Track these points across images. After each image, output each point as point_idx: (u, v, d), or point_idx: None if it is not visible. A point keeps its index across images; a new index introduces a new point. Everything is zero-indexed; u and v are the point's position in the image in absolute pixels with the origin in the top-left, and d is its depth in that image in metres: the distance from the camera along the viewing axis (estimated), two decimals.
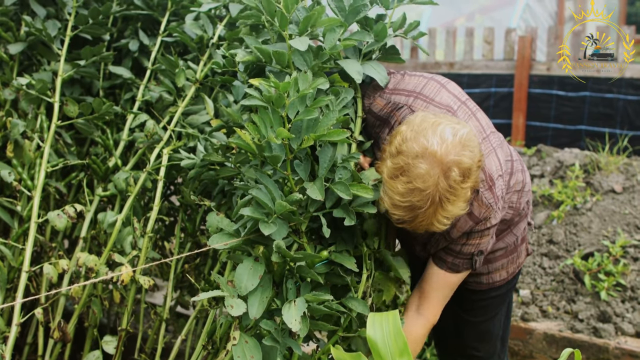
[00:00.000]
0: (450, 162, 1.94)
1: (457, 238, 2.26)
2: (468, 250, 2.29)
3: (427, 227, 2.02)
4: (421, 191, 1.94)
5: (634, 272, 4.25)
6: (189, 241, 3.02)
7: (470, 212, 2.18)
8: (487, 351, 2.82)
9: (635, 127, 6.79)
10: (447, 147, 1.95)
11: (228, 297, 1.94)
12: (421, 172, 1.94)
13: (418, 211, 1.96)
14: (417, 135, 1.98)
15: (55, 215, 2.67)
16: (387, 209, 2.02)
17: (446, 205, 1.97)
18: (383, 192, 2.03)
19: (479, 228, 2.24)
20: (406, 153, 1.97)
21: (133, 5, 3.26)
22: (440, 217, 1.99)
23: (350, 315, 2.17)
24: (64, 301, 2.85)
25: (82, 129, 3.02)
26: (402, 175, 1.97)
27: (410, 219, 1.99)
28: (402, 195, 1.96)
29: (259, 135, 2.00)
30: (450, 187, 1.95)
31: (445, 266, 2.34)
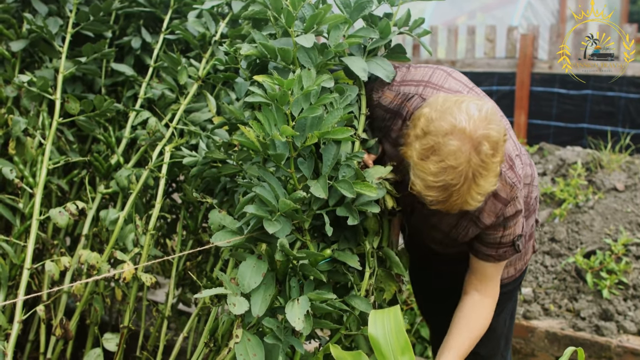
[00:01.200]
0: (479, 137, 1.93)
1: (491, 228, 2.25)
2: (508, 239, 2.29)
3: (462, 206, 2.00)
4: (454, 169, 1.92)
5: (636, 270, 4.24)
6: (190, 239, 3.02)
7: (496, 194, 2.18)
8: (489, 349, 2.82)
9: (637, 125, 6.77)
10: (475, 123, 1.94)
11: (231, 294, 1.94)
12: (452, 149, 1.92)
13: (452, 189, 1.94)
14: (443, 114, 1.97)
15: (57, 212, 2.67)
16: (420, 191, 1.99)
17: (479, 180, 1.95)
18: (414, 176, 1.99)
19: (510, 213, 2.23)
20: (435, 132, 1.95)
21: (135, 2, 3.26)
22: (474, 194, 1.97)
23: (352, 314, 2.17)
24: (65, 298, 2.85)
25: (84, 126, 3.02)
26: (433, 155, 1.94)
27: (445, 198, 1.97)
28: (435, 175, 1.93)
29: (263, 133, 2.00)
30: (482, 161, 1.93)
31: (492, 259, 2.34)
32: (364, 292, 2.22)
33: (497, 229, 2.26)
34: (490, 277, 2.38)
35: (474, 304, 2.36)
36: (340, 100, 2.19)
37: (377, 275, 2.30)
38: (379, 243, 2.31)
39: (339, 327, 2.17)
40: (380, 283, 2.34)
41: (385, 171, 2.27)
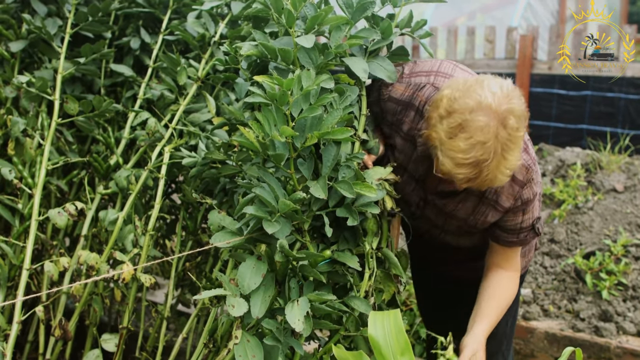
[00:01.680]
0: (505, 112, 1.96)
1: (511, 213, 2.29)
2: (528, 224, 2.33)
3: (491, 182, 2.01)
4: (483, 144, 1.94)
5: (636, 271, 4.24)
6: (190, 239, 3.01)
7: (513, 177, 2.21)
8: (491, 348, 2.82)
9: (636, 126, 6.77)
10: (499, 98, 1.97)
11: (230, 296, 1.94)
12: (480, 125, 1.94)
13: (482, 165, 1.96)
14: (466, 93, 1.99)
15: (56, 213, 2.66)
16: (450, 170, 2.00)
17: (507, 155, 1.97)
18: (443, 156, 2.00)
19: (527, 195, 2.27)
20: (460, 110, 1.97)
21: (135, 3, 3.26)
22: (502, 169, 1.99)
23: (352, 315, 2.17)
24: (65, 299, 2.84)
25: (83, 127, 3.01)
26: (461, 132, 1.96)
27: (475, 175, 1.98)
28: (464, 152, 1.95)
29: (262, 134, 1.99)
30: (509, 135, 1.96)
31: (514, 244, 2.39)
32: (364, 293, 2.21)
33: (517, 214, 2.30)
34: (512, 256, 2.43)
35: (499, 278, 2.41)
36: (340, 101, 2.19)
37: (376, 276, 2.29)
38: (378, 244, 2.31)
39: (339, 327, 2.17)
40: (379, 284, 2.34)
41: (384, 172, 2.27)
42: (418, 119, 2.27)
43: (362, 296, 2.20)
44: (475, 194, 2.29)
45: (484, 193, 2.27)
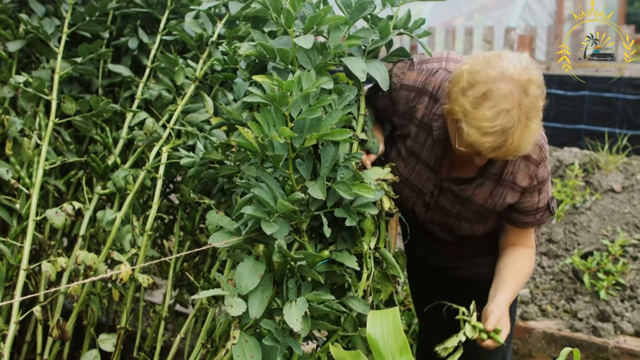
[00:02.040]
0: (526, 81, 2.01)
1: (527, 194, 2.35)
2: (543, 203, 2.40)
3: (516, 150, 2.06)
4: (507, 111, 1.98)
5: (634, 271, 4.25)
6: (188, 239, 3.02)
7: (527, 156, 2.27)
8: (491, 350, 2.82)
9: (634, 127, 6.78)
10: (519, 69, 2.02)
11: (228, 296, 1.94)
12: (504, 93, 1.99)
13: (508, 133, 2.00)
14: (487, 64, 2.05)
15: (54, 212, 2.66)
16: (476, 140, 2.03)
17: (530, 123, 2.02)
18: (468, 127, 2.03)
19: (542, 174, 2.33)
20: (483, 80, 2.02)
21: (132, 3, 3.25)
22: (526, 137, 2.03)
23: (350, 315, 2.17)
24: (62, 299, 2.84)
25: (80, 127, 3.01)
26: (485, 102, 2.00)
27: (501, 143, 2.02)
28: (490, 121, 1.99)
29: (261, 134, 1.99)
30: (531, 103, 2.01)
31: (531, 225, 2.46)
32: (362, 293, 2.21)
33: (533, 195, 2.36)
34: (527, 235, 2.50)
35: (517, 253, 2.47)
36: (339, 102, 2.19)
37: (374, 276, 2.29)
38: (376, 244, 2.31)
39: (337, 328, 2.17)
40: (376, 284, 2.34)
41: (383, 173, 2.27)
42: (432, 104, 2.32)
43: (360, 296, 2.20)
44: (491, 178, 2.33)
45: (500, 175, 2.31)
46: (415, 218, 2.54)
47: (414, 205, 2.48)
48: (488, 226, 2.53)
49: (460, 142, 2.10)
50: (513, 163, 2.30)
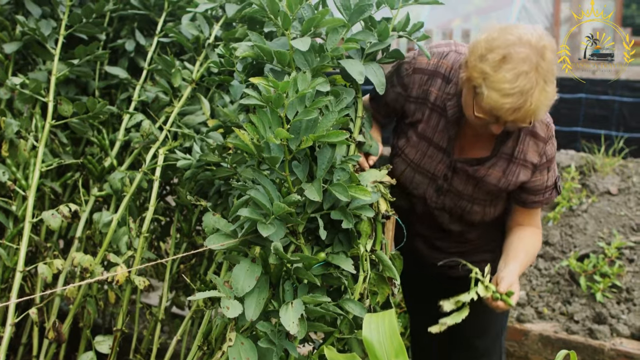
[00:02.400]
0: (542, 47, 2.11)
1: (538, 172, 2.43)
2: (551, 181, 2.49)
3: (534, 113, 2.13)
4: (526, 74, 2.07)
5: (630, 273, 4.25)
6: (184, 241, 3.01)
7: (536, 133, 2.39)
8: (487, 344, 2.86)
9: (630, 129, 6.78)
10: (535, 36, 2.12)
11: (224, 298, 1.93)
12: (523, 57, 2.08)
13: (527, 95, 2.08)
14: (504, 32, 2.15)
15: (50, 215, 2.66)
16: (497, 101, 2.10)
17: (547, 87, 2.12)
18: (488, 90, 2.11)
19: (550, 152, 2.43)
20: (502, 45, 2.11)
21: (129, 5, 3.25)
22: (544, 100, 2.12)
23: (346, 317, 2.17)
24: (58, 301, 2.84)
25: (77, 129, 3.01)
26: (505, 64, 2.09)
27: (521, 104, 2.09)
28: (510, 82, 2.08)
29: (257, 136, 1.99)
30: (548, 67, 2.11)
31: (540, 204, 2.53)
32: (358, 295, 2.21)
33: (543, 173, 2.45)
34: (535, 215, 2.59)
35: (524, 231, 2.56)
36: (335, 104, 2.19)
37: (370, 278, 2.29)
38: (372, 246, 2.31)
39: (333, 330, 2.17)
40: (372, 286, 2.34)
41: (380, 175, 2.27)
42: (445, 86, 2.40)
43: (357, 299, 2.20)
44: (504, 158, 2.41)
45: (512, 154, 2.40)
46: (425, 206, 2.57)
47: (425, 192, 2.52)
48: (498, 209, 2.59)
49: (478, 108, 2.19)
50: (523, 141, 2.39)
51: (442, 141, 2.44)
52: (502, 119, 2.17)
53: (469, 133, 2.42)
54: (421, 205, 2.58)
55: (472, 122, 2.29)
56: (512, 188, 2.46)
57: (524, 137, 2.39)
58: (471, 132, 2.42)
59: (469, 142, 2.45)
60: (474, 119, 2.24)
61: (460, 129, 2.41)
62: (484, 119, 2.21)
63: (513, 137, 2.39)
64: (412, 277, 2.93)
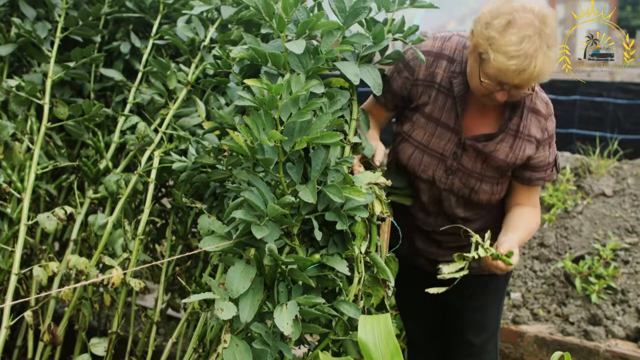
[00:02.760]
0: (544, 15, 2.24)
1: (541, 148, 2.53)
2: (552, 158, 2.60)
3: (538, 76, 2.24)
4: (530, 37, 2.20)
5: (625, 275, 4.26)
6: (180, 244, 3.01)
7: (537, 110, 2.52)
8: (483, 340, 2.91)
9: (625, 131, 6.81)
10: (537, 5, 2.26)
11: (219, 300, 1.93)
12: (526, 22, 2.21)
13: (531, 58, 2.20)
14: (508, 1, 2.27)
15: (45, 217, 2.66)
16: (503, 62, 2.21)
17: (549, 52, 2.23)
18: (494, 53, 2.22)
19: (551, 128, 2.55)
20: (507, 12, 2.24)
21: (125, 7, 3.25)
22: (547, 64, 2.23)
23: (341, 319, 2.17)
24: (54, 304, 2.83)
25: (72, 131, 3.01)
26: (510, 28, 2.21)
27: (525, 66, 2.20)
28: (516, 45, 2.20)
29: (251, 138, 2.00)
30: (550, 33, 2.23)
31: (542, 181, 2.64)
32: (353, 297, 2.22)
33: (545, 148, 2.55)
34: (534, 194, 2.68)
35: (524, 209, 2.65)
36: (329, 105, 2.19)
37: (365, 280, 2.30)
38: (367, 248, 2.31)
39: (328, 332, 2.17)
40: (367, 288, 2.34)
41: (374, 177, 2.27)
42: (450, 66, 2.51)
43: (351, 300, 2.20)
44: (511, 134, 2.51)
45: (518, 129, 2.50)
46: (432, 190, 2.62)
47: (434, 172, 2.58)
48: (504, 190, 2.66)
49: (484, 75, 2.29)
50: (526, 118, 2.50)
51: (450, 120, 2.52)
52: (507, 83, 2.28)
53: (475, 110, 2.53)
54: (428, 190, 2.63)
55: (477, 93, 2.40)
56: (519, 163, 2.54)
57: (527, 114, 2.50)
58: (477, 108, 2.53)
59: (476, 120, 2.54)
60: (480, 88, 2.35)
61: (467, 106, 2.52)
62: (489, 87, 2.32)
63: (517, 114, 2.50)
64: (406, 280, 2.94)
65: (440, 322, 3.01)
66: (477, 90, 2.39)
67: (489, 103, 2.44)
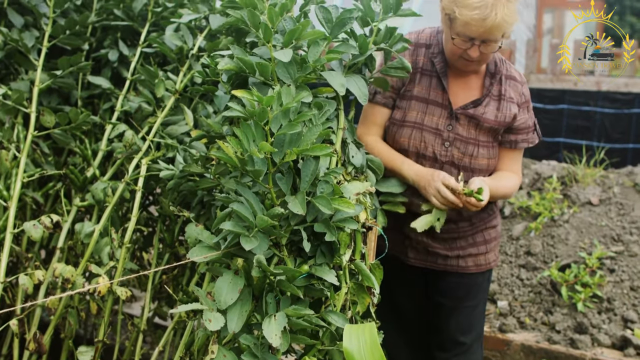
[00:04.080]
0: None
1: (520, 111, 2.78)
2: (532, 122, 2.86)
3: (500, 25, 2.48)
4: None
5: (610, 283, 4.28)
6: (167, 252, 3.00)
7: (512, 76, 2.80)
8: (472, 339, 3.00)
9: (611, 140, 6.86)
10: None
11: (207, 310, 1.93)
12: None
13: (492, 7, 2.45)
14: None
15: (31, 225, 2.64)
16: (467, 15, 2.47)
17: (509, 4, 2.48)
18: (459, 9, 2.49)
19: (527, 93, 2.83)
20: None
21: (113, 15, 3.25)
22: (506, 14, 2.48)
23: (329, 329, 2.17)
24: (39, 312, 2.82)
25: (59, 139, 3.00)
26: None
27: (487, 15, 2.45)
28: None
29: (241, 149, 1.99)
30: None
31: (526, 143, 2.85)
32: (340, 306, 2.22)
33: (524, 111, 2.81)
34: (517, 160, 2.89)
35: (505, 172, 2.85)
36: (319, 116, 2.20)
37: (350, 288, 2.30)
38: (351, 255, 2.31)
39: (315, 342, 2.17)
40: (352, 296, 2.34)
41: (363, 187, 2.28)
42: (428, 51, 2.77)
43: (339, 310, 2.20)
44: (494, 98, 2.76)
45: (500, 93, 2.76)
46: (436, 165, 2.76)
47: (434, 147, 2.74)
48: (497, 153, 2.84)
49: (454, 33, 2.55)
50: (505, 84, 2.76)
51: (438, 97, 2.75)
52: (475, 38, 2.52)
53: (459, 82, 2.76)
54: (431, 168, 2.75)
55: (454, 56, 2.65)
56: (508, 121, 2.75)
57: (505, 80, 2.77)
58: (460, 80, 2.77)
59: (461, 91, 2.77)
60: (454, 49, 2.60)
61: (450, 80, 2.75)
62: (461, 44, 2.56)
63: (496, 82, 2.76)
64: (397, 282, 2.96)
65: (426, 328, 3.04)
66: (452, 54, 2.64)
67: (466, 67, 2.69)
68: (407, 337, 3.08)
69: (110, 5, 3.25)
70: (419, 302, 3.03)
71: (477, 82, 2.78)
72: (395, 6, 2.50)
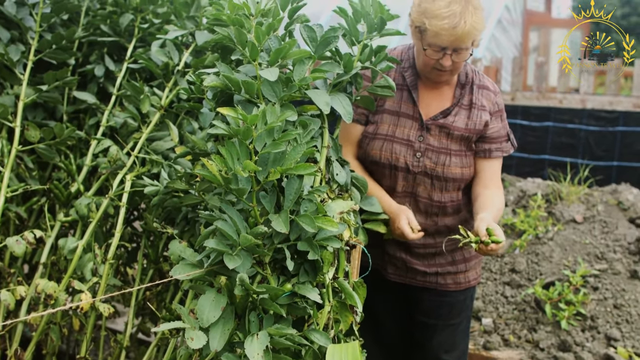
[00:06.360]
0: None
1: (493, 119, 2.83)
2: (505, 131, 2.89)
3: (469, 33, 2.56)
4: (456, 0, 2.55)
5: (594, 301, 4.30)
6: (151, 267, 2.99)
7: (485, 86, 2.85)
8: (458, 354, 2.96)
9: (596, 157, 6.90)
10: None
11: (189, 328, 1.93)
12: None
13: (460, 16, 2.53)
14: None
15: (14, 241, 2.63)
16: (437, 24, 2.55)
17: (476, 12, 2.57)
18: (429, 19, 2.57)
19: (500, 102, 2.87)
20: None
21: (100, 30, 3.25)
22: (475, 23, 2.56)
23: (312, 348, 2.16)
24: (22, 328, 2.80)
25: (44, 154, 2.99)
26: None
27: (456, 23, 2.53)
28: (445, 7, 2.54)
29: (225, 168, 2.00)
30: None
31: (500, 152, 2.87)
32: (323, 325, 2.21)
33: (497, 120, 2.85)
34: (496, 174, 2.90)
35: (489, 193, 2.83)
36: (304, 135, 2.20)
37: (333, 306, 2.30)
38: (334, 274, 2.31)
39: None
40: (335, 314, 2.34)
41: (347, 205, 2.28)
42: (399, 68, 2.83)
43: (322, 328, 2.20)
44: (464, 107, 2.81)
45: (471, 102, 2.81)
46: (407, 178, 2.81)
47: (406, 158, 2.78)
48: (471, 163, 2.87)
49: (426, 43, 2.62)
50: (477, 93, 2.82)
51: (409, 109, 2.80)
52: (446, 47, 2.59)
53: (429, 94, 2.82)
54: (403, 178, 2.80)
55: (426, 68, 2.71)
56: (479, 129, 2.80)
57: (477, 90, 2.83)
58: (430, 93, 2.82)
59: (431, 102, 2.81)
60: (426, 60, 2.66)
61: (420, 93, 2.81)
62: (433, 55, 2.62)
63: (467, 92, 2.82)
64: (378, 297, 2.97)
65: (410, 345, 3.05)
66: (425, 65, 2.70)
67: (439, 78, 2.74)
68: (390, 355, 3.08)
69: (97, 21, 3.25)
70: (400, 319, 3.03)
71: (449, 93, 2.83)
72: (379, 26, 2.51)
